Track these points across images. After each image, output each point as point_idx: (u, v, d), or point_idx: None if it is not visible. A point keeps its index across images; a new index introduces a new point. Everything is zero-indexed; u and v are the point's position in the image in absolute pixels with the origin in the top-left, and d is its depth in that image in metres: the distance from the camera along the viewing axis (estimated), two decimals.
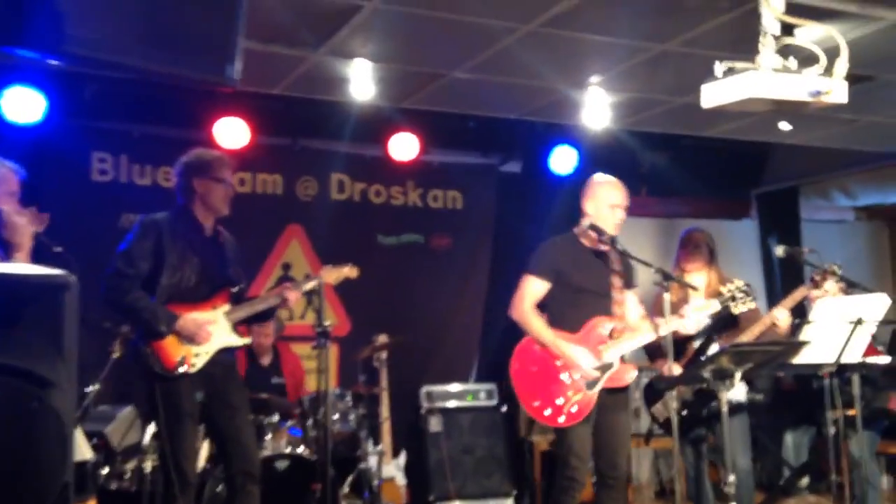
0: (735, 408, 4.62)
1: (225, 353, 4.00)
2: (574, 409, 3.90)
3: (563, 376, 3.94)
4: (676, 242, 4.73)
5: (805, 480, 5.35)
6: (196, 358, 3.87)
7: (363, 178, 6.61)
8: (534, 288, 4.05)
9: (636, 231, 6.55)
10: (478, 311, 6.87)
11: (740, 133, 5.71)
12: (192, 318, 3.86)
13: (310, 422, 5.06)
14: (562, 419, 3.90)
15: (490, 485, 6.03)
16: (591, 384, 3.92)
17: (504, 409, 6.25)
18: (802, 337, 3.92)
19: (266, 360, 5.63)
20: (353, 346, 6.08)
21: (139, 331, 3.88)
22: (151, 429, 4.69)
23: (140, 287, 3.82)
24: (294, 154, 6.42)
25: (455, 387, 6.27)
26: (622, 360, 4.01)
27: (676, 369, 3.99)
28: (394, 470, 5.82)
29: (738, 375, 3.62)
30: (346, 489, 5.30)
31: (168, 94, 5.49)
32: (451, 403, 6.19)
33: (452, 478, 5.96)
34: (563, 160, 6.85)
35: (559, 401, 3.90)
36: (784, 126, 5.13)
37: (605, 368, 3.95)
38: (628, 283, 4.13)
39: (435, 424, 6.10)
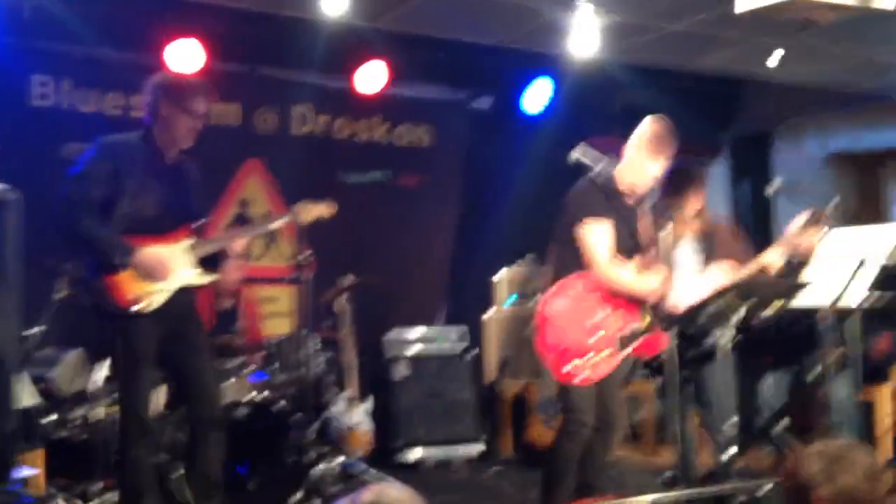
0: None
1: (186, 292, 3.69)
2: (601, 369, 3.66)
3: (597, 329, 3.67)
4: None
5: (783, 423, 5.25)
6: (154, 295, 3.55)
7: (327, 110, 6.22)
8: (601, 233, 3.68)
9: None
10: (447, 253, 6.62)
11: (728, 65, 5.48)
12: (151, 251, 3.54)
13: (275, 366, 4.78)
14: (583, 376, 3.64)
15: (459, 430, 5.85)
16: (625, 343, 3.67)
17: (474, 352, 6.05)
18: (805, 276, 3.73)
19: (227, 303, 5.30)
20: (317, 288, 5.77)
21: (91, 264, 3.55)
22: (103, 373, 4.37)
23: (95, 215, 3.47)
24: (252, 82, 6.00)
25: (424, 330, 6.04)
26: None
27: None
28: (361, 416, 5.57)
29: (737, 316, 3.43)
30: (311, 436, 5.04)
31: (116, 12, 5.06)
32: (419, 348, 5.96)
33: (420, 423, 5.77)
34: (536, 97, 6.57)
35: (588, 356, 3.63)
36: (774, 59, 4.91)
37: (642, 332, 3.70)
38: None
39: (402, 369, 5.89)
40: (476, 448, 5.84)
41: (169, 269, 3.58)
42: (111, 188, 3.51)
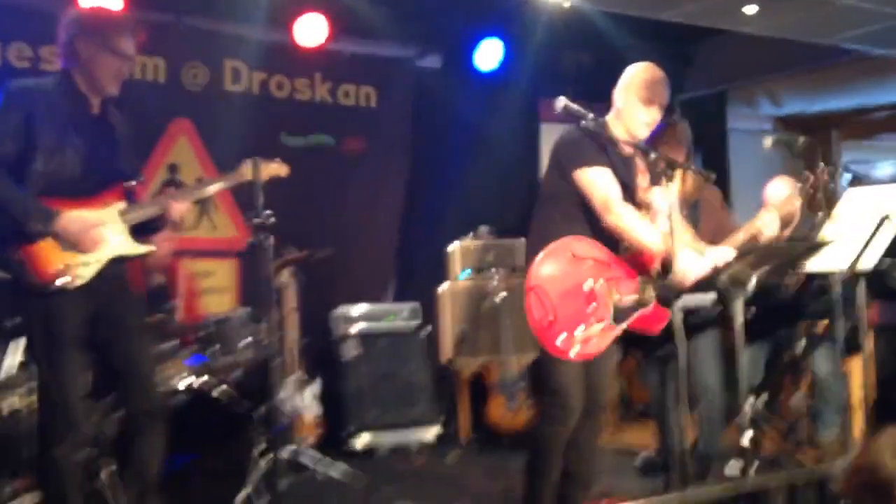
0: (705, 322, 4.17)
1: (117, 264, 3.18)
2: (592, 343, 3.21)
3: (591, 299, 3.23)
4: None
5: (761, 400, 5.03)
6: (81, 268, 3.04)
7: (263, 66, 5.67)
8: (605, 178, 3.26)
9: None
10: (394, 223, 6.16)
11: (701, 17, 5.16)
12: (76, 216, 3.03)
13: (215, 348, 4.29)
14: (574, 351, 3.18)
15: (413, 413, 5.49)
16: (621, 317, 3.27)
17: (428, 329, 5.65)
18: (823, 235, 3.41)
19: (159, 278, 4.75)
20: (255, 261, 5.26)
21: (4, 232, 3.00)
22: (17, 357, 3.82)
23: (5, 174, 2.94)
24: (179, 34, 5.41)
25: (374, 307, 5.62)
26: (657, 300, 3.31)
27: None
28: (309, 400, 5.12)
29: (752, 282, 3.10)
30: (256, 424, 4.58)
31: None
32: (369, 326, 5.56)
33: (372, 407, 5.37)
34: (487, 55, 6.18)
35: (578, 330, 3.17)
36: (750, 9, 4.60)
37: (640, 304, 3.31)
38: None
39: (351, 349, 5.47)
40: (432, 431, 5.49)
41: (97, 237, 3.07)
42: (24, 142, 2.99)
